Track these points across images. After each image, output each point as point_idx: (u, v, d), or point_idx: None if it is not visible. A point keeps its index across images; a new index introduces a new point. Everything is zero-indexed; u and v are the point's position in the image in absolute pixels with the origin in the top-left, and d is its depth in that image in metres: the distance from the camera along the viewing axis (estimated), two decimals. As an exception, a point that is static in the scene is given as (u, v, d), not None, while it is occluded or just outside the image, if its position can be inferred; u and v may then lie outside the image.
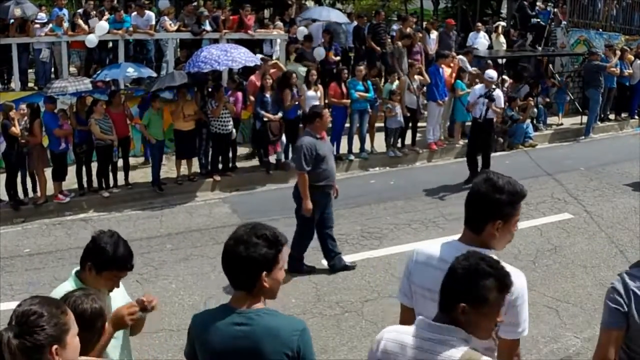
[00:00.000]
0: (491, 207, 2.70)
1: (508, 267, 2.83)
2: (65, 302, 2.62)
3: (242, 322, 2.55)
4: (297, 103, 11.36)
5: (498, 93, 10.78)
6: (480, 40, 15.51)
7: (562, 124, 14.86)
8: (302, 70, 12.46)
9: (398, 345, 2.41)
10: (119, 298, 3.48)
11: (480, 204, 2.74)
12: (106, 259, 3.20)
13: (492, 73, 10.92)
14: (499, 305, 2.38)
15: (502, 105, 10.91)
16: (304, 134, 7.23)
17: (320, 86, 11.95)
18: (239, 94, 11.66)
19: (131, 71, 11.83)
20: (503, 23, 17.15)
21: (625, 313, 2.89)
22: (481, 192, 2.73)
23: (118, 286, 3.31)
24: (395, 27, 16.48)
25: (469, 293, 2.32)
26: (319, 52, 13.51)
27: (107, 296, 3.24)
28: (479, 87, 10.93)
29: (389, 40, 14.84)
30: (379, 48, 14.41)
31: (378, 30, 14.75)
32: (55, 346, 2.09)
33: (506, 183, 2.74)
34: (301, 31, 13.60)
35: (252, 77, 11.82)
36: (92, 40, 12.41)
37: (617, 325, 2.91)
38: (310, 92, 11.61)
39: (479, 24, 16.32)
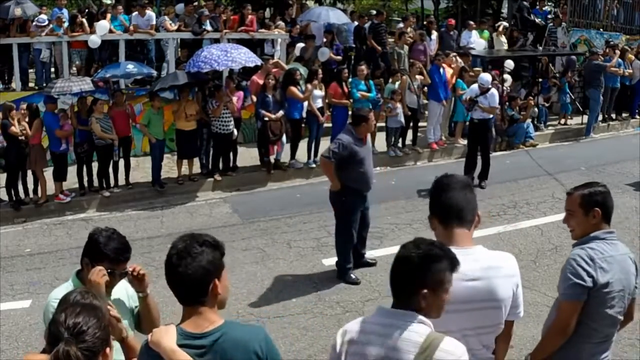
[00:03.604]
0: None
1: (497, 252, 2.86)
2: (69, 296, 2.64)
3: (206, 345, 2.44)
4: (301, 103, 11.40)
5: (493, 92, 10.83)
6: (476, 40, 15.49)
7: (567, 124, 14.84)
8: (302, 69, 12.44)
9: (362, 334, 2.49)
10: (122, 302, 3.48)
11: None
12: (97, 252, 3.22)
13: (486, 77, 11.00)
14: (450, 284, 2.49)
15: (496, 105, 10.92)
16: (345, 132, 7.15)
17: (322, 85, 11.95)
18: (240, 93, 11.66)
19: (131, 67, 11.83)
20: (505, 23, 17.13)
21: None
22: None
23: (112, 282, 3.28)
24: (400, 26, 16.44)
25: (428, 278, 2.43)
26: (323, 52, 13.49)
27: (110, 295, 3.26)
28: (474, 87, 11.03)
29: (390, 40, 14.83)
30: (379, 48, 14.41)
31: (379, 30, 14.74)
32: (107, 348, 2.17)
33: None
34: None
35: (255, 77, 11.82)
36: (95, 41, 12.41)
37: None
38: (317, 91, 11.63)
39: (471, 22, 16.26)
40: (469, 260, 2.73)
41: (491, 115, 10.96)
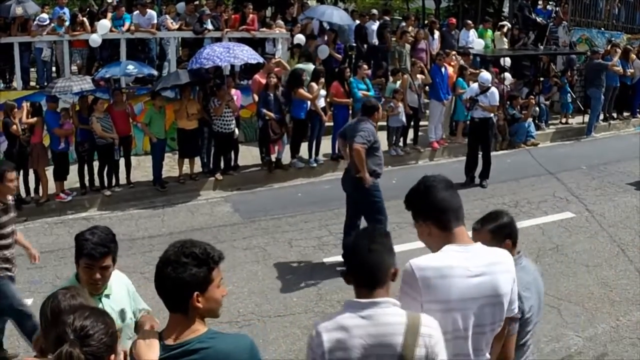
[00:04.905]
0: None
1: (494, 249, 2.87)
2: (45, 305, 2.63)
3: (183, 354, 2.40)
4: (306, 103, 11.40)
5: (493, 90, 10.86)
6: (475, 39, 15.49)
7: (569, 123, 14.84)
8: (310, 66, 12.41)
9: (341, 332, 2.55)
10: (124, 300, 3.47)
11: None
12: (77, 247, 3.26)
13: (486, 76, 11.05)
14: None
15: (496, 103, 10.96)
16: (364, 122, 7.40)
17: (324, 84, 11.93)
18: (238, 92, 11.66)
19: (131, 68, 11.83)
20: (508, 24, 17.12)
21: None
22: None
23: (95, 281, 3.28)
24: (403, 24, 16.46)
25: (393, 257, 2.66)
26: (323, 50, 13.49)
27: (96, 295, 3.28)
28: (474, 86, 11.06)
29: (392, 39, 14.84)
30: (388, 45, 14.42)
31: (389, 28, 14.83)
32: (112, 355, 2.18)
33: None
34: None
35: (256, 76, 11.81)
36: (95, 40, 12.41)
37: None
38: (322, 91, 11.62)
39: (469, 22, 16.27)
40: (471, 256, 2.71)
41: (492, 114, 10.97)
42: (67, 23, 12.77)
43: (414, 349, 2.48)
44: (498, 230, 3.41)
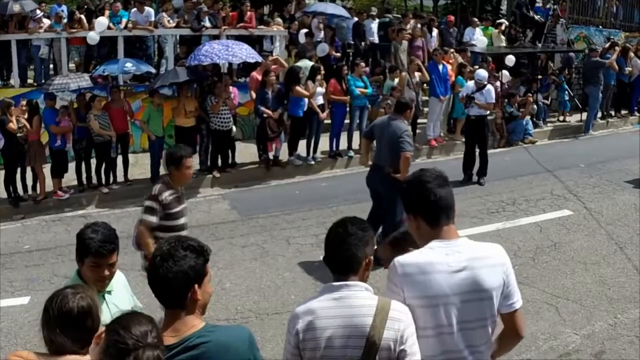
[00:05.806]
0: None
1: (484, 243, 2.83)
2: (52, 300, 2.61)
3: (182, 350, 2.41)
4: (304, 100, 11.38)
5: (489, 88, 10.85)
6: (479, 37, 15.49)
7: (566, 121, 14.86)
8: (309, 64, 12.40)
9: (313, 314, 2.64)
10: (124, 296, 3.47)
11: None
12: (82, 247, 3.24)
13: (482, 73, 11.04)
14: None
15: (492, 100, 10.95)
16: (398, 120, 7.44)
17: (324, 82, 11.92)
18: (235, 89, 11.65)
19: (129, 66, 11.81)
20: (506, 22, 17.11)
21: None
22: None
23: (104, 278, 3.28)
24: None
25: (370, 248, 2.70)
26: (323, 48, 13.48)
27: (100, 292, 3.24)
28: (470, 84, 11.06)
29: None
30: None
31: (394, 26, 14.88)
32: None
33: None
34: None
35: (254, 73, 11.80)
36: (93, 37, 12.39)
37: None
38: (318, 88, 11.62)
39: (476, 20, 16.28)
40: (453, 251, 2.69)
41: (488, 112, 10.96)
42: (64, 20, 12.75)
43: (382, 331, 2.53)
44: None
